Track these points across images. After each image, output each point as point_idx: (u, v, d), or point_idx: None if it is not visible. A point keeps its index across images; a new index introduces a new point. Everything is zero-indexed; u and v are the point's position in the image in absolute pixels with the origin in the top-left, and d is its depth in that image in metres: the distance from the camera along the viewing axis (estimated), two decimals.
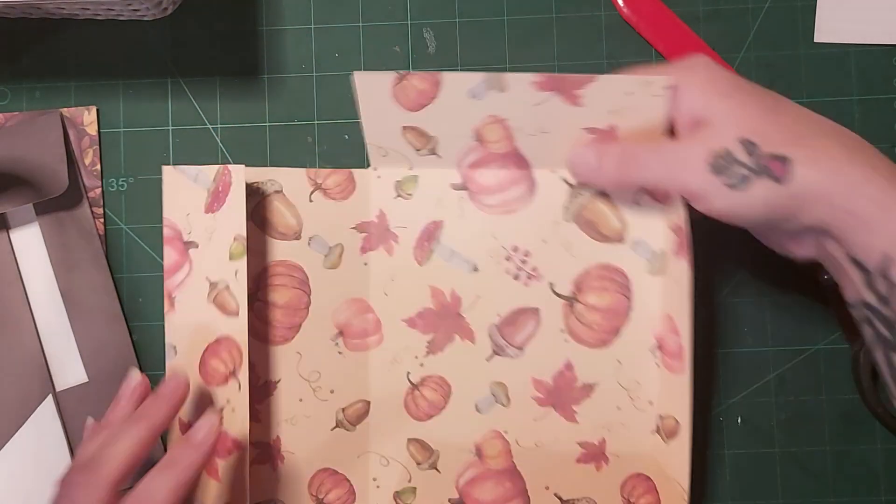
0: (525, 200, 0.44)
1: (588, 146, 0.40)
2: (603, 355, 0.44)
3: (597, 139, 0.41)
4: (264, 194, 0.44)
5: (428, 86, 0.40)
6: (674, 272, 0.41)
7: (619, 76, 0.39)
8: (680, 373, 0.40)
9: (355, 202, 0.45)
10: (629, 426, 0.44)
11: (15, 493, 0.45)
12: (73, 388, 0.46)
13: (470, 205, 0.44)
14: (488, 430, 0.45)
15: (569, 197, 0.43)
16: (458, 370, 0.44)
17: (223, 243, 0.42)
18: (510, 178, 0.44)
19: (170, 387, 0.39)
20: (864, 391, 0.45)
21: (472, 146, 0.43)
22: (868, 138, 0.46)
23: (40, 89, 0.47)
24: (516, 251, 0.44)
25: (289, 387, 0.44)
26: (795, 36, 0.47)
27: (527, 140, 0.42)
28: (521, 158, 0.43)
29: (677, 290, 0.40)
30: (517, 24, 0.47)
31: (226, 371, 0.42)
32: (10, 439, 0.45)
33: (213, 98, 0.47)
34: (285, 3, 0.48)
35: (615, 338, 0.44)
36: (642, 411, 0.44)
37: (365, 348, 0.45)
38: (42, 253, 0.46)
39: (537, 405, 0.44)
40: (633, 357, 0.44)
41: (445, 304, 0.44)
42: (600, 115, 0.40)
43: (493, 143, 0.42)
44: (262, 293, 0.44)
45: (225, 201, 0.42)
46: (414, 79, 0.40)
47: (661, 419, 0.43)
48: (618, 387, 0.44)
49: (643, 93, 0.38)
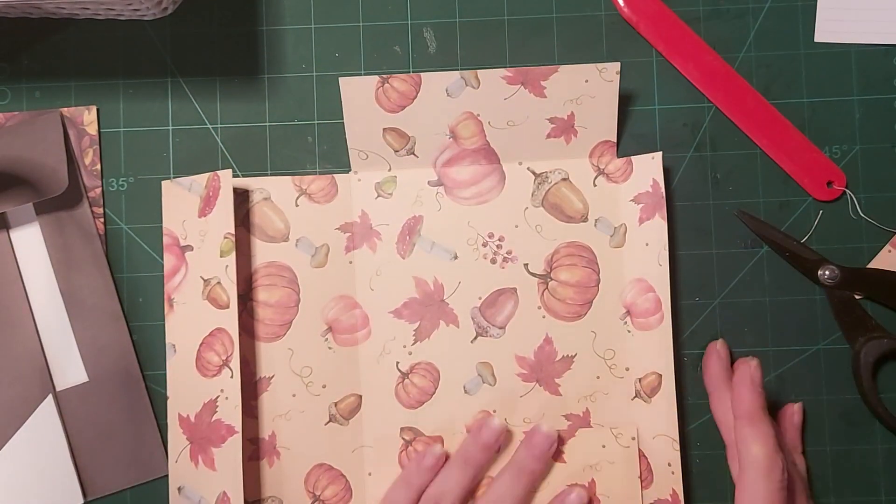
0: (496, 191, 0.47)
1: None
2: (578, 327, 0.46)
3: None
4: (253, 202, 0.47)
5: (408, 87, 0.45)
6: (640, 239, 0.46)
7: (579, 66, 0.45)
8: (656, 326, 0.45)
9: (338, 205, 0.47)
10: (611, 394, 0.46)
11: (15, 493, 0.45)
12: (74, 387, 0.46)
13: (446, 199, 0.47)
14: (477, 410, 0.46)
15: (535, 185, 0.47)
16: (444, 354, 0.46)
17: (214, 243, 0.45)
18: (482, 172, 0.47)
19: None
20: (864, 391, 0.45)
21: (447, 143, 0.46)
22: (868, 138, 0.47)
23: (40, 89, 0.47)
24: (492, 237, 0.47)
25: (282, 382, 0.46)
26: (796, 36, 0.47)
27: (497, 134, 0.46)
28: (492, 153, 0.47)
29: (648, 251, 0.45)
30: (517, 24, 0.47)
31: (219, 361, 0.44)
32: (10, 439, 0.45)
33: (213, 98, 0.47)
34: (285, 3, 0.48)
35: (588, 310, 0.47)
36: (620, 378, 0.46)
37: (354, 343, 0.46)
38: (42, 253, 0.46)
39: (522, 381, 0.46)
40: (605, 326, 0.46)
41: (429, 293, 0.46)
42: (562, 105, 0.46)
43: (466, 139, 0.46)
44: (253, 293, 0.46)
45: (215, 204, 0.45)
46: (395, 81, 0.45)
47: (639, 382, 0.46)
48: (595, 356, 0.46)
49: (598, 78, 0.45)
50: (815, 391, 0.46)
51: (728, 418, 0.43)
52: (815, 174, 0.46)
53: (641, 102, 0.47)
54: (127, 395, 0.46)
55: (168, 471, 0.45)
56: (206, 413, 0.44)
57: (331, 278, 0.46)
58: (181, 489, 0.45)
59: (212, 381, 0.44)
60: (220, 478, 0.43)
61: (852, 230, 0.46)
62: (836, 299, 0.45)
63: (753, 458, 0.40)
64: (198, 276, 0.45)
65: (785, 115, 0.46)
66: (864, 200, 0.46)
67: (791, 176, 0.46)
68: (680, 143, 0.47)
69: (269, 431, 0.46)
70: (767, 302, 0.46)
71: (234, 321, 0.44)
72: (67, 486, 0.45)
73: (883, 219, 0.46)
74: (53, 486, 0.45)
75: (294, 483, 0.46)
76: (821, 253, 0.46)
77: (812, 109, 0.47)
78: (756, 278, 0.46)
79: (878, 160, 0.46)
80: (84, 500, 0.45)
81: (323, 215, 0.47)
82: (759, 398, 0.42)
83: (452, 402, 0.46)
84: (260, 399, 0.46)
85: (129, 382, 0.46)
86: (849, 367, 0.46)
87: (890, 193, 0.46)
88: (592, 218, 0.47)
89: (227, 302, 0.44)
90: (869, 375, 0.44)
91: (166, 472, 0.45)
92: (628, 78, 0.47)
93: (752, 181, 0.47)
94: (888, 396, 0.45)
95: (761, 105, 0.46)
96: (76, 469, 0.45)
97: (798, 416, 0.45)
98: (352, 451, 0.46)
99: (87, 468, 0.45)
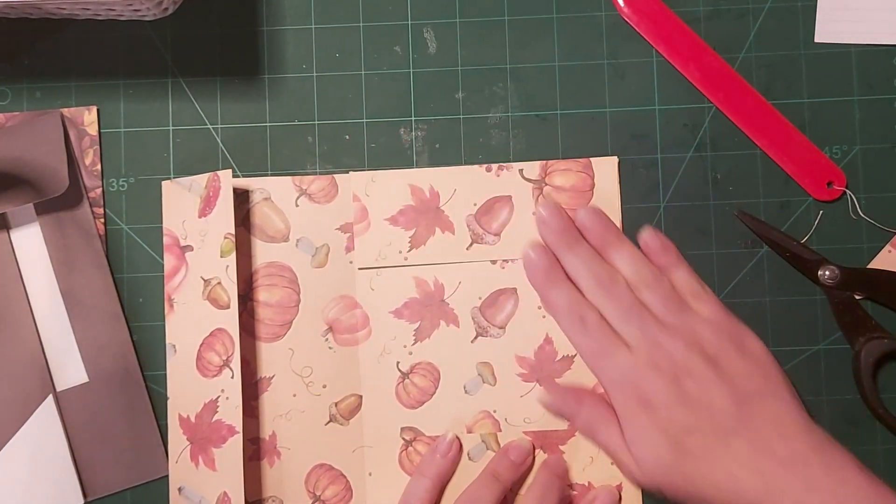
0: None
1: (564, 391, 0.45)
2: None
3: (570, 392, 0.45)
4: (253, 202, 0.47)
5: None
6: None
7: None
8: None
9: (339, 205, 0.47)
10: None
11: (15, 494, 0.45)
12: (74, 388, 0.46)
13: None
14: (477, 410, 0.46)
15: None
16: (445, 354, 0.46)
17: (215, 243, 0.45)
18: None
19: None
20: (864, 391, 0.45)
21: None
22: (868, 138, 0.47)
23: (41, 89, 0.47)
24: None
25: (282, 382, 0.46)
26: (796, 36, 0.47)
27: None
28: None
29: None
30: (517, 24, 0.47)
31: (220, 362, 0.44)
32: (10, 439, 0.45)
33: (213, 98, 0.47)
34: (285, 3, 0.48)
35: None
36: None
37: (355, 343, 0.46)
38: (43, 253, 0.46)
39: (522, 381, 0.46)
40: None
41: (429, 293, 0.46)
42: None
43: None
44: (253, 293, 0.46)
45: (215, 205, 0.45)
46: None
47: None
48: None
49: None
50: (815, 391, 0.46)
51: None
52: (816, 174, 0.46)
53: (641, 102, 0.47)
54: (127, 396, 0.46)
55: (168, 471, 0.45)
56: (206, 413, 0.44)
57: (331, 278, 0.47)
58: (181, 489, 0.45)
59: (212, 381, 0.44)
60: (221, 478, 0.43)
61: (852, 230, 0.46)
62: (836, 299, 0.45)
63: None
64: (198, 276, 0.45)
65: (785, 116, 0.46)
66: (864, 200, 0.46)
67: (791, 176, 0.46)
68: (680, 143, 0.47)
69: (270, 431, 0.46)
70: (767, 302, 0.46)
71: (234, 321, 0.44)
72: (68, 487, 0.45)
73: (883, 219, 0.46)
74: (54, 486, 0.45)
75: (294, 483, 0.45)
76: (821, 253, 0.46)
77: (812, 109, 0.47)
78: (756, 278, 0.46)
79: (878, 160, 0.46)
80: (84, 501, 0.45)
81: (323, 215, 0.47)
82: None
83: (453, 402, 0.46)
84: (260, 399, 0.46)
85: (129, 382, 0.46)
86: (849, 367, 0.46)
87: (890, 193, 0.46)
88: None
89: (228, 302, 0.44)
90: (869, 376, 0.44)
91: (166, 472, 0.45)
92: (628, 78, 0.47)
93: (752, 181, 0.47)
94: (888, 396, 0.45)
95: (761, 105, 0.46)
96: (76, 469, 0.45)
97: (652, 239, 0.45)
98: (352, 451, 0.46)
99: (87, 468, 0.45)
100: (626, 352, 0.42)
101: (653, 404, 0.41)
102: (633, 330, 0.42)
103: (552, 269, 0.44)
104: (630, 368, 0.41)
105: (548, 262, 0.44)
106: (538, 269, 0.44)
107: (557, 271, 0.44)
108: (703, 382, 0.41)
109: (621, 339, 0.42)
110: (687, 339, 0.41)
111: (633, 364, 0.41)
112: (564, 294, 0.43)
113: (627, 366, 0.42)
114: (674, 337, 0.41)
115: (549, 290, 0.44)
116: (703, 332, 0.42)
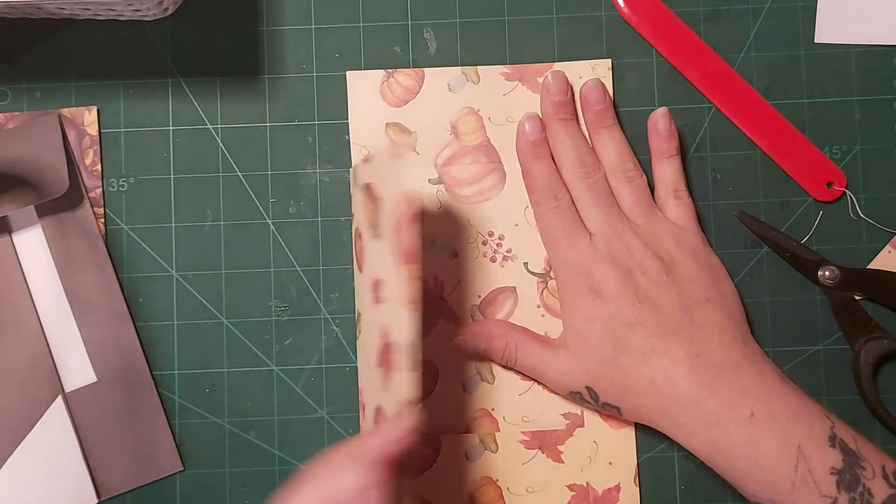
0: (496, 189, 0.47)
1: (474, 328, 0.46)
2: None
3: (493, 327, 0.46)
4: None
5: (412, 82, 0.47)
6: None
7: (573, 62, 0.47)
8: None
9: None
10: None
11: (29, 496, 0.45)
12: (83, 388, 0.46)
13: (446, 197, 0.47)
14: (476, 408, 0.46)
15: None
16: (443, 352, 0.46)
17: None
18: (482, 170, 0.47)
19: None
20: (864, 391, 0.45)
21: (448, 140, 0.47)
22: (868, 138, 0.47)
23: (41, 89, 0.47)
24: (492, 236, 0.47)
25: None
26: (796, 36, 0.47)
27: (497, 131, 0.47)
28: (492, 150, 0.47)
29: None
30: (517, 24, 0.47)
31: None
32: (21, 442, 0.45)
33: (213, 98, 0.47)
34: (285, 3, 0.48)
35: None
36: None
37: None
38: (45, 255, 0.46)
39: (520, 379, 0.46)
40: None
41: (429, 290, 0.46)
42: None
43: (467, 135, 0.47)
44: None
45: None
46: (400, 75, 0.47)
47: None
48: None
49: (591, 74, 0.46)
50: (815, 391, 0.46)
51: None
52: (815, 174, 0.46)
53: (641, 102, 0.47)
54: (136, 394, 0.46)
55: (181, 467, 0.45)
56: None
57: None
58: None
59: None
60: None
61: (852, 231, 0.46)
62: (836, 300, 0.45)
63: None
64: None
65: (785, 116, 0.46)
66: (864, 201, 0.46)
67: (791, 176, 0.46)
68: (680, 144, 0.47)
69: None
70: (767, 302, 0.46)
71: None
72: (81, 487, 0.45)
73: (883, 219, 0.46)
74: (67, 487, 0.45)
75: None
76: (821, 253, 0.46)
77: (812, 110, 0.47)
78: (756, 278, 0.46)
79: (878, 160, 0.46)
80: (98, 500, 0.45)
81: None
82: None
83: (451, 399, 0.46)
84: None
85: (138, 381, 0.46)
86: (849, 368, 0.46)
87: (890, 194, 0.46)
88: None
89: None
90: (869, 376, 0.45)
91: (178, 469, 0.45)
92: (628, 78, 0.47)
93: (752, 181, 0.47)
94: (888, 397, 0.45)
95: (761, 105, 0.46)
96: (89, 469, 0.45)
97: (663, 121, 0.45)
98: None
99: (99, 468, 0.45)
100: (586, 238, 0.44)
101: (602, 293, 0.42)
102: (599, 217, 0.44)
103: (540, 143, 0.45)
104: (587, 254, 0.43)
105: (538, 136, 0.45)
106: (527, 140, 0.45)
107: (544, 147, 0.45)
108: (654, 282, 0.42)
109: (585, 226, 0.44)
110: (647, 239, 0.43)
111: (591, 251, 0.43)
112: (546, 168, 0.45)
113: (585, 251, 0.43)
114: (636, 234, 0.43)
115: (532, 161, 0.45)
116: (664, 236, 0.44)
